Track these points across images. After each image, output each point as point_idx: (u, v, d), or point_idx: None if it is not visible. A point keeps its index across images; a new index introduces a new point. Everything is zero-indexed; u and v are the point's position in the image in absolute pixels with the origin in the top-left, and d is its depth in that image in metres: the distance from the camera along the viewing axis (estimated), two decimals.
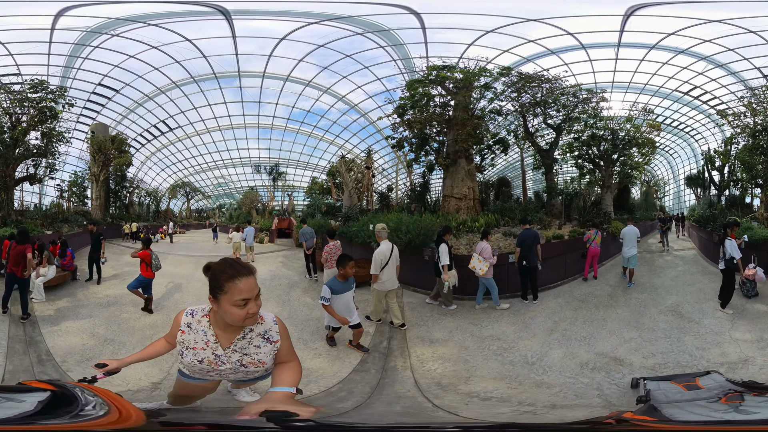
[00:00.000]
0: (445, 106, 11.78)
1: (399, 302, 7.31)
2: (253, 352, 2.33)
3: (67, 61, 15.20)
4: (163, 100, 18.98)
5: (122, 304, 7.88)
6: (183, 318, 2.41)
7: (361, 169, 17.22)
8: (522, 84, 12.50)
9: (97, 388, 2.00)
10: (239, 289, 2.08)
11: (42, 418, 1.58)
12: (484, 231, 8.44)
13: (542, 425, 2.24)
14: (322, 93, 18.23)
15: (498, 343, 6.17)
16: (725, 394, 2.80)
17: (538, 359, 5.60)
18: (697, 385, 3.42)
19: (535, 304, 8.24)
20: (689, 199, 22.26)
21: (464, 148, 11.34)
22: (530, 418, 4.02)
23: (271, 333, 2.35)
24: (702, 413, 2.62)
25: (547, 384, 4.87)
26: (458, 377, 5.02)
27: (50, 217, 16.19)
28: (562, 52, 14.73)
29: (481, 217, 10.47)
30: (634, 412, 2.57)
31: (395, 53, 14.29)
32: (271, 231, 20.14)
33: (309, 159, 21.00)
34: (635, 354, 5.67)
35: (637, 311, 7.75)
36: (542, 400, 4.42)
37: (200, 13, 13.78)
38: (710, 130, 20.34)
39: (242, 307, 2.10)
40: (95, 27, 13.44)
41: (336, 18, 12.45)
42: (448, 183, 12.11)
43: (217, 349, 2.33)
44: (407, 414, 4.04)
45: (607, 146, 15.11)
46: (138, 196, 21.54)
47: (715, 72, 16.10)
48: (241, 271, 2.12)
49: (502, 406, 4.35)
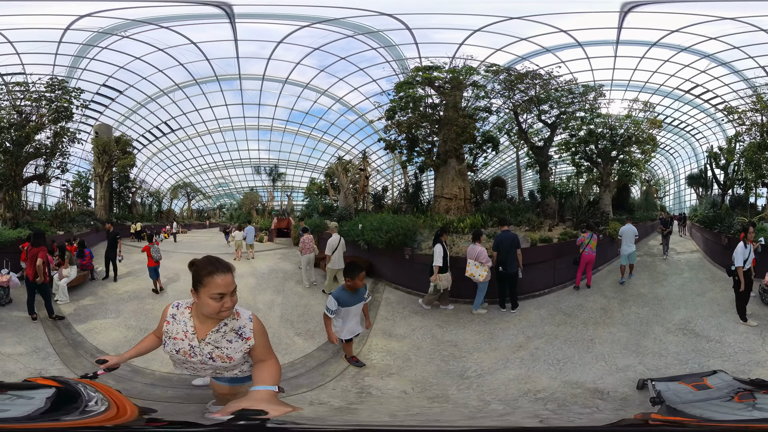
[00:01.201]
0: (436, 107, 11.86)
1: (379, 297, 8.75)
2: (224, 346, 2.42)
3: (73, 61, 15.33)
4: (165, 101, 19.32)
5: (142, 297, 8.80)
6: (169, 310, 2.53)
7: (357, 170, 17.42)
8: (513, 81, 12.32)
9: (98, 384, 2.10)
10: (216, 284, 2.23)
11: (51, 415, 1.64)
12: (476, 232, 7.93)
13: (570, 428, 2.22)
14: (320, 95, 18.44)
15: (451, 350, 6.08)
16: (736, 393, 2.83)
17: (477, 376, 5.17)
18: (706, 384, 3.40)
19: (513, 314, 7.58)
20: (690, 198, 21.92)
21: (454, 147, 11.41)
22: (556, 421, 3.91)
23: (244, 330, 2.43)
24: (724, 411, 2.63)
25: (454, 401, 4.56)
26: (388, 372, 5.34)
27: (59, 218, 16.22)
28: (558, 50, 14.52)
29: (467, 218, 10.48)
30: (658, 412, 2.64)
31: (388, 54, 14.41)
32: (271, 230, 20.57)
33: (308, 160, 21.26)
34: (630, 385, 4.62)
35: (637, 330, 6.53)
36: (429, 414, 3.83)
37: (207, 15, 13.75)
38: (711, 129, 20.06)
39: (218, 300, 2.24)
40: (108, 28, 13.56)
41: (326, 21, 12.60)
42: (438, 183, 12.19)
43: (193, 340, 2.44)
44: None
45: (606, 143, 14.54)
46: (140, 196, 21.93)
47: (718, 70, 15.72)
48: (220, 268, 2.27)
49: (389, 404, 4.45)
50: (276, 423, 1.67)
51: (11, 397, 1.83)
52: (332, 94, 18.36)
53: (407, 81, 11.55)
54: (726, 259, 8.39)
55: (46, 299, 7.15)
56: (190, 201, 24.71)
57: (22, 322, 6.95)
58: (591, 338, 6.29)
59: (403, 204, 14.31)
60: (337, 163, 17.77)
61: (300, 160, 21.38)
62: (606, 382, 4.80)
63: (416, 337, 6.57)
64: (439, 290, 7.70)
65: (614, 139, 14.55)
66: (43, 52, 14.58)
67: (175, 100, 19.67)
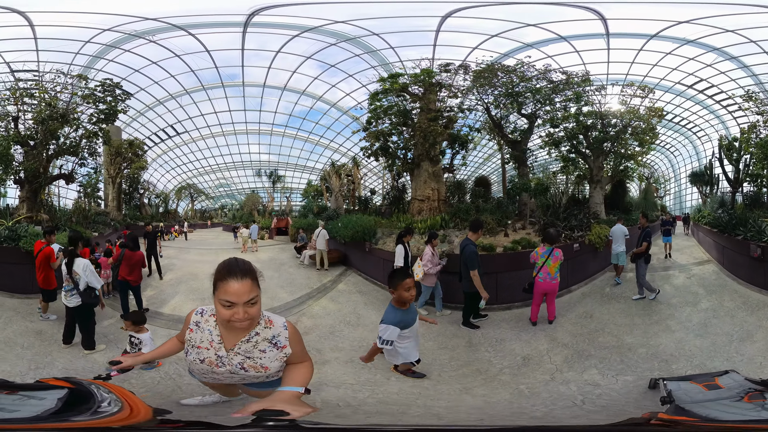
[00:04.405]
0: (408, 113, 12.27)
1: (343, 278, 11.35)
2: (257, 356, 2.28)
3: (90, 61, 15.06)
4: (173, 105, 20.34)
5: (188, 280, 11.03)
6: (193, 317, 2.39)
7: (348, 172, 18.15)
8: (484, 76, 12.14)
9: (111, 385, 2.08)
10: (225, 291, 2.06)
11: (64, 415, 1.63)
12: (430, 234, 8.04)
13: (576, 427, 2.23)
14: (315, 101, 19.26)
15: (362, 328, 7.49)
16: (746, 393, 2.76)
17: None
18: (717, 384, 3.28)
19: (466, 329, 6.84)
20: (691, 198, 21.08)
21: (426, 150, 11.80)
22: (563, 420, 3.78)
23: (279, 338, 2.29)
24: (732, 411, 2.59)
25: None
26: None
27: (89, 219, 15.99)
28: (542, 44, 13.57)
29: (429, 219, 10.87)
30: (666, 411, 2.58)
31: (373, 60, 14.92)
32: (271, 229, 22.05)
33: (306, 162, 22.12)
34: None
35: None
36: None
37: (223, 24, 14.24)
38: (714, 127, 19.18)
39: (227, 308, 2.08)
40: (142, 31, 13.72)
41: (309, 29, 13.19)
42: (413, 186, 12.73)
43: (219, 350, 2.30)
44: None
45: (597, 133, 13.08)
46: (148, 197, 23.15)
47: (725, 65, 14.59)
48: (234, 273, 2.08)
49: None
50: (303, 423, 1.66)
51: (22, 398, 1.82)
52: (327, 100, 19.16)
53: (380, 91, 12.03)
54: (759, 276, 6.92)
55: (138, 296, 8.07)
56: (194, 202, 25.89)
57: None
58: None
59: (383, 206, 14.89)
60: (330, 169, 18.58)
61: (299, 162, 22.29)
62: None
63: (342, 300, 9.02)
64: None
65: (606, 129, 13.15)
66: (63, 50, 14.24)
67: (182, 104, 20.71)
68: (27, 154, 13.11)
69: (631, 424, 2.17)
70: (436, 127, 11.24)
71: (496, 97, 12.52)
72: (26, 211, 12.87)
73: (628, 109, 13.23)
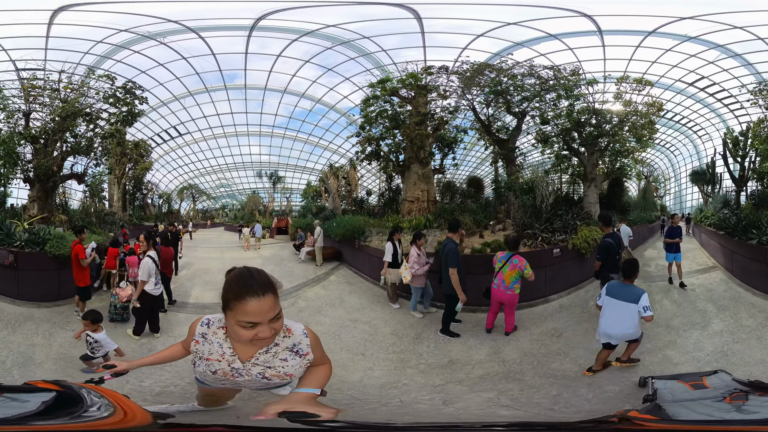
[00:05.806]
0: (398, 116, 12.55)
1: (336, 271, 12.64)
2: (278, 365, 2.17)
3: (97, 61, 14.92)
4: (176, 107, 20.79)
5: (201, 275, 12.29)
6: (198, 328, 2.24)
7: (345, 174, 18.53)
8: (469, 75, 12.13)
9: (104, 389, 2.02)
10: (244, 312, 1.81)
11: (44, 418, 1.57)
12: (415, 234, 8.09)
13: (548, 423, 2.27)
14: (314, 103, 19.63)
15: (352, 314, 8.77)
16: (730, 394, 2.73)
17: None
18: (704, 384, 3.28)
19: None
20: (692, 198, 20.85)
21: (414, 153, 12.07)
22: (535, 416, 3.83)
23: (300, 346, 2.17)
24: (704, 412, 2.56)
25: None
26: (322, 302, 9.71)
27: (101, 219, 16.06)
28: (533, 43, 13.24)
29: (415, 219, 11.15)
30: (639, 410, 2.59)
31: (368, 63, 15.22)
32: (271, 229, 22.80)
33: (306, 163, 22.48)
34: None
35: None
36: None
37: (232, 27, 14.56)
38: (715, 126, 18.95)
39: (248, 329, 1.85)
40: (154, 33, 13.75)
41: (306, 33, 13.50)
42: (404, 187, 13.08)
43: (234, 362, 2.17)
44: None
45: (591, 129, 12.61)
46: (151, 197, 23.69)
47: (727, 62, 14.10)
48: (253, 289, 1.83)
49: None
50: (333, 422, 1.66)
51: (5, 400, 1.76)
52: (325, 102, 19.50)
53: (370, 97, 12.33)
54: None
55: (168, 289, 9.09)
56: (195, 202, 26.41)
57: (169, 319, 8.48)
58: None
59: (377, 207, 15.28)
60: (329, 170, 18.96)
61: (298, 163, 22.64)
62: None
63: (331, 288, 10.70)
64: (386, 283, 8.43)
65: (600, 125, 12.63)
66: (71, 50, 14.09)
67: (185, 106, 21.16)
68: (37, 151, 12.64)
69: (597, 421, 2.14)
70: (421, 131, 11.51)
71: (486, 95, 12.40)
72: (37, 211, 12.26)
73: (624, 102, 12.67)
